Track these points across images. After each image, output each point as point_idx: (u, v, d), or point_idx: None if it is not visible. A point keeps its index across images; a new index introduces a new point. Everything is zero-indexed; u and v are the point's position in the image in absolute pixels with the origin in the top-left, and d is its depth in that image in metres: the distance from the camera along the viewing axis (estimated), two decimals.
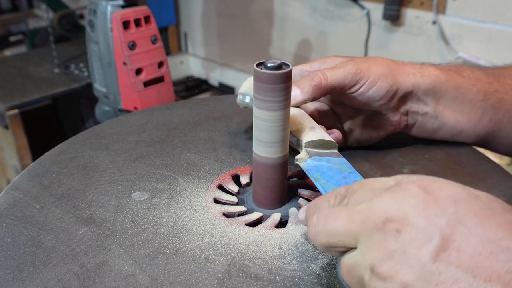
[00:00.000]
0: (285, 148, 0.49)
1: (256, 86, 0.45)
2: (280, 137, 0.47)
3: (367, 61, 0.55)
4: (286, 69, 0.45)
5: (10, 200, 0.52)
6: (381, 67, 0.55)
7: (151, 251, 0.44)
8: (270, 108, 0.46)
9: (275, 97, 0.45)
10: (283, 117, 0.46)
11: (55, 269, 0.42)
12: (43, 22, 2.42)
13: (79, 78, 1.45)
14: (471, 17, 1.30)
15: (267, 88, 0.45)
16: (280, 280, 0.41)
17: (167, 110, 0.74)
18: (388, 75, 0.54)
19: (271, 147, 0.48)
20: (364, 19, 1.53)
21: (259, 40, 1.95)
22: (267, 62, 0.45)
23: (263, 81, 0.44)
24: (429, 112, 0.57)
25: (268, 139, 0.47)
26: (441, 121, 0.58)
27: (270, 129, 0.47)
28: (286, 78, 0.45)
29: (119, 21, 1.01)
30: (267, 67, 0.44)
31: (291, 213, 0.50)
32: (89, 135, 0.66)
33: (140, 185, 0.54)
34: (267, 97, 0.45)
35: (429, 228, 0.30)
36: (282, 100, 0.45)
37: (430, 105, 0.57)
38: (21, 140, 1.34)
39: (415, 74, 0.56)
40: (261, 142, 0.48)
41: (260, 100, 0.46)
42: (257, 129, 0.48)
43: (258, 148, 0.49)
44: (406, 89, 0.55)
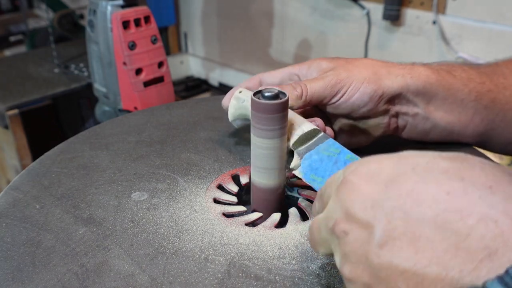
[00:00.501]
0: (282, 174, 0.50)
1: (253, 115, 0.46)
2: (277, 163, 0.48)
3: (350, 67, 0.54)
4: (283, 98, 0.46)
5: (10, 200, 0.52)
6: (365, 72, 0.54)
7: (150, 251, 0.44)
8: (267, 136, 0.46)
9: (273, 126, 0.46)
10: (280, 145, 0.47)
11: (55, 269, 0.42)
12: (43, 22, 2.42)
13: (79, 78, 1.45)
14: (471, 17, 1.30)
15: (265, 117, 0.45)
16: (280, 280, 0.41)
17: (167, 110, 0.74)
18: (372, 80, 0.53)
19: (269, 173, 0.49)
20: (364, 19, 1.53)
21: (259, 40, 1.95)
22: (264, 92, 0.45)
23: (261, 111, 0.45)
24: (419, 113, 0.57)
25: (266, 165, 0.48)
26: (432, 122, 0.57)
27: (267, 156, 0.48)
28: (283, 107, 0.46)
29: (119, 21, 1.01)
30: (264, 97, 0.45)
31: (291, 213, 0.50)
32: (89, 135, 0.66)
33: (140, 185, 0.54)
34: (264, 125, 0.46)
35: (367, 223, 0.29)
36: (279, 128, 0.46)
37: (420, 106, 0.56)
38: (21, 140, 1.34)
39: (404, 75, 0.55)
40: (259, 169, 0.49)
41: (258, 129, 0.47)
42: (255, 156, 0.49)
43: (256, 174, 0.50)
44: (393, 91, 0.54)
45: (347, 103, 0.54)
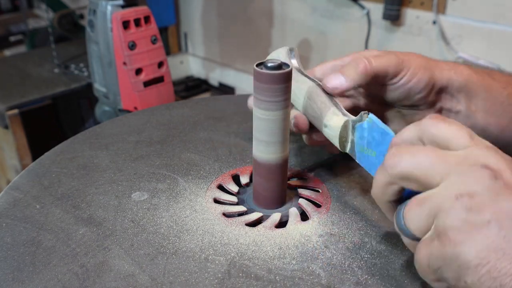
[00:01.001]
0: (285, 148, 0.49)
1: (256, 86, 0.45)
2: (280, 137, 0.47)
3: (406, 53, 0.54)
4: (286, 69, 0.45)
5: (10, 200, 0.52)
6: (420, 60, 0.54)
7: (151, 251, 0.44)
8: (270, 108, 0.46)
9: (275, 97, 0.45)
10: (283, 117, 0.46)
11: (55, 269, 0.42)
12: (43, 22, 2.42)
13: (79, 78, 1.45)
14: (471, 17, 1.30)
15: (267, 88, 0.45)
16: (280, 280, 0.41)
17: (167, 110, 0.74)
18: (427, 67, 0.53)
19: (271, 147, 0.48)
20: (364, 19, 1.52)
21: (259, 40, 1.95)
22: (267, 62, 0.45)
23: (263, 81, 0.45)
24: (461, 111, 0.56)
25: (268, 139, 0.47)
26: (473, 121, 0.57)
27: (270, 128, 0.47)
28: (286, 78, 0.45)
29: (119, 21, 1.01)
30: (267, 67, 0.44)
31: (291, 213, 0.50)
32: (89, 135, 0.66)
33: (140, 185, 0.54)
34: (267, 97, 0.45)
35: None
36: (282, 100, 0.45)
37: (463, 104, 0.56)
38: (21, 140, 1.34)
39: (449, 70, 0.55)
40: (261, 142, 0.48)
41: (260, 100, 0.46)
42: (257, 129, 0.48)
43: (258, 148, 0.49)
44: (442, 83, 0.54)
45: (405, 87, 0.53)
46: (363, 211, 0.50)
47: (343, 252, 0.44)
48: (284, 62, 0.45)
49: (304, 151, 0.62)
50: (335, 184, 0.55)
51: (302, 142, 0.64)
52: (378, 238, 0.46)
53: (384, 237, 0.46)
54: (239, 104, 0.76)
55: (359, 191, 0.54)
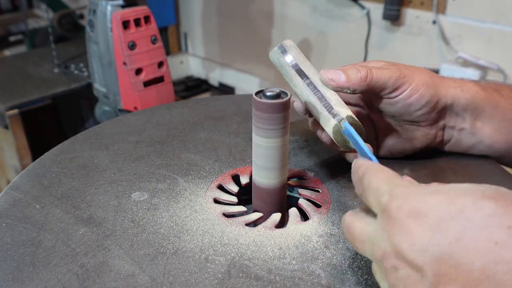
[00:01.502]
0: (283, 173, 0.50)
1: (255, 114, 0.46)
2: (279, 163, 0.48)
3: (411, 69, 0.54)
4: (285, 97, 0.46)
5: (10, 200, 0.52)
6: (424, 76, 0.53)
7: (151, 251, 0.44)
8: (269, 136, 0.46)
9: (274, 125, 0.46)
10: (281, 144, 0.47)
11: (55, 269, 0.42)
12: (43, 22, 2.42)
13: (79, 78, 1.45)
14: (471, 17, 1.30)
15: (266, 117, 0.45)
16: (280, 280, 0.41)
17: (167, 110, 0.74)
18: (431, 85, 0.53)
19: (270, 173, 0.49)
20: (364, 19, 1.52)
21: (259, 40, 1.95)
22: (266, 91, 0.45)
23: (262, 110, 0.45)
24: (466, 128, 0.56)
25: (267, 165, 0.48)
26: (478, 138, 0.56)
27: (269, 155, 0.48)
28: (284, 107, 0.46)
29: (119, 21, 1.01)
30: (266, 96, 0.45)
31: (291, 213, 0.50)
32: (89, 135, 0.66)
33: (140, 185, 0.54)
34: (265, 125, 0.46)
35: (419, 265, 0.30)
36: (281, 128, 0.46)
37: (467, 121, 0.55)
38: (21, 140, 1.34)
39: (456, 87, 0.54)
40: (260, 168, 0.49)
41: (259, 128, 0.47)
42: (256, 155, 0.49)
43: (257, 173, 0.50)
44: (446, 101, 0.54)
45: (405, 102, 0.52)
46: None
47: (343, 252, 0.44)
48: (283, 90, 0.46)
49: (304, 151, 0.62)
50: (335, 184, 0.55)
51: (302, 142, 0.64)
52: None
53: None
54: (239, 104, 0.76)
55: None
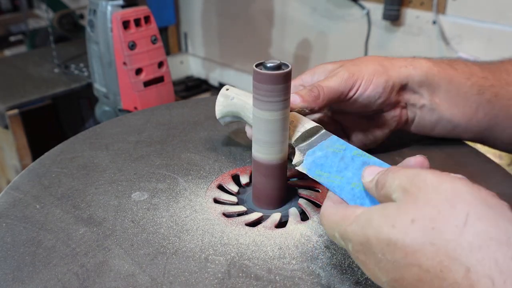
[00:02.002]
0: (284, 148, 0.49)
1: (255, 86, 0.45)
2: (279, 137, 0.47)
3: (357, 63, 0.55)
4: (286, 69, 0.45)
5: (10, 200, 0.52)
6: (372, 66, 0.55)
7: (151, 251, 0.44)
8: (269, 108, 0.46)
9: (275, 97, 0.45)
10: (282, 117, 0.46)
11: (55, 269, 0.42)
12: (43, 22, 2.42)
13: (79, 78, 1.45)
14: (471, 17, 1.30)
15: (267, 88, 0.45)
16: (280, 280, 0.41)
17: (167, 110, 0.74)
18: (380, 72, 0.54)
19: (271, 147, 0.48)
20: (364, 19, 1.53)
21: (259, 40, 1.95)
22: (267, 63, 0.45)
23: (263, 82, 0.45)
24: (426, 105, 0.58)
25: (267, 139, 0.47)
26: (438, 114, 0.58)
27: (269, 129, 0.47)
28: (285, 78, 0.45)
29: (119, 21, 1.01)
30: (266, 68, 0.45)
31: (291, 213, 0.50)
32: (89, 135, 0.66)
33: (140, 185, 0.54)
34: (266, 97, 0.45)
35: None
36: (282, 100, 0.45)
37: (426, 97, 0.57)
38: (21, 140, 1.34)
39: (407, 66, 0.56)
40: (260, 142, 0.48)
41: (259, 101, 0.46)
42: (257, 129, 0.48)
43: (257, 148, 0.49)
44: (400, 81, 0.55)
45: (363, 96, 0.54)
46: None
47: (343, 252, 0.44)
48: (284, 62, 0.46)
49: None
50: None
51: None
52: None
53: None
54: None
55: None
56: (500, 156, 1.05)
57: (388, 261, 0.32)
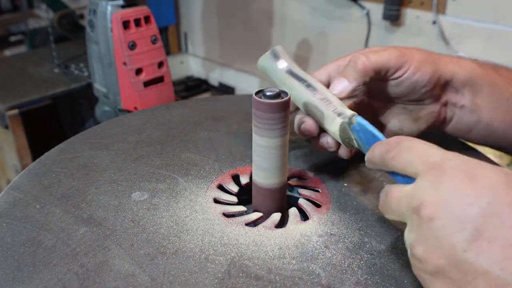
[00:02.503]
0: (283, 173, 0.50)
1: (254, 114, 0.46)
2: (279, 163, 0.48)
3: (408, 48, 0.54)
4: (285, 97, 0.46)
5: (10, 200, 0.52)
6: (423, 54, 0.53)
7: (151, 251, 0.44)
8: (269, 136, 0.46)
9: (274, 125, 0.46)
10: (282, 144, 0.47)
11: (55, 269, 0.42)
12: (43, 22, 2.42)
13: (79, 78, 1.45)
14: (471, 17, 1.30)
15: (266, 116, 0.45)
16: (280, 280, 0.41)
17: (167, 110, 0.74)
18: (431, 61, 0.53)
19: (270, 173, 0.49)
20: (364, 19, 1.52)
21: (259, 40, 1.95)
22: (266, 91, 0.45)
23: (262, 110, 0.45)
24: (466, 105, 0.56)
25: (267, 165, 0.48)
26: (478, 116, 0.56)
27: (269, 155, 0.48)
28: (284, 106, 0.45)
29: (119, 21, 1.00)
30: (265, 96, 0.45)
31: (291, 213, 0.50)
32: (89, 135, 0.66)
33: (140, 185, 0.54)
34: (266, 125, 0.46)
35: (462, 217, 0.32)
36: (281, 128, 0.46)
37: (467, 98, 0.56)
38: (21, 140, 1.34)
39: (454, 63, 0.55)
40: (260, 168, 0.49)
41: (259, 128, 0.47)
42: (257, 155, 0.49)
43: (257, 173, 0.50)
44: (446, 76, 0.54)
45: (410, 80, 0.52)
46: (363, 211, 0.50)
47: (343, 252, 0.44)
48: (283, 90, 0.46)
49: (304, 151, 0.62)
50: (335, 184, 0.55)
51: (302, 142, 0.64)
52: (378, 238, 0.46)
53: (384, 237, 0.46)
54: (239, 104, 0.76)
55: (359, 191, 0.54)
56: (500, 156, 1.05)
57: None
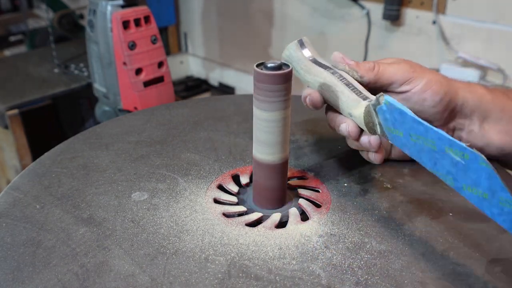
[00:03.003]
0: (285, 149, 0.49)
1: (256, 86, 0.46)
2: (280, 138, 0.47)
3: (421, 66, 0.54)
4: (286, 69, 0.45)
5: (10, 200, 0.52)
6: (436, 74, 0.53)
7: (151, 251, 0.44)
8: (270, 109, 0.46)
9: (276, 97, 0.45)
10: (283, 117, 0.46)
11: (55, 269, 0.42)
12: (43, 22, 2.42)
13: (79, 78, 1.45)
14: (471, 17, 1.30)
15: (268, 88, 0.45)
16: (280, 280, 0.41)
17: (167, 110, 0.74)
18: (443, 82, 0.53)
19: (271, 148, 0.48)
20: (364, 19, 1.53)
21: (259, 40, 1.95)
22: (267, 63, 0.45)
23: (263, 82, 0.45)
24: (474, 131, 0.56)
25: (268, 139, 0.47)
26: (487, 141, 0.56)
27: (270, 129, 0.47)
28: (286, 78, 0.45)
29: (119, 21, 1.01)
30: (267, 68, 0.45)
31: (291, 213, 0.50)
32: (89, 135, 0.66)
33: (140, 185, 0.54)
34: (267, 97, 0.45)
35: None
36: (283, 101, 0.45)
37: (476, 123, 0.55)
38: (21, 140, 1.34)
39: (464, 88, 0.55)
40: (261, 142, 0.48)
41: (260, 101, 0.46)
42: (258, 130, 0.48)
43: (258, 148, 0.49)
44: (457, 101, 0.54)
45: (419, 96, 0.52)
46: (363, 211, 0.50)
47: (343, 252, 0.44)
48: (284, 62, 0.46)
49: (304, 151, 0.62)
50: (335, 184, 0.55)
51: (302, 142, 0.64)
52: (378, 238, 0.46)
53: (384, 237, 0.46)
54: (239, 104, 0.76)
55: (359, 191, 0.54)
56: None
57: None
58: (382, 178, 0.56)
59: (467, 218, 0.49)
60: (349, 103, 0.49)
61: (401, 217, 0.49)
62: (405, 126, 0.43)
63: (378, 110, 0.45)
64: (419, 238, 0.46)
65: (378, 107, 0.45)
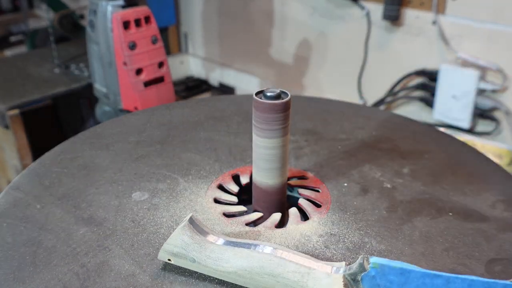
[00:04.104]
0: (284, 173, 0.50)
1: (255, 114, 0.46)
2: (279, 163, 0.48)
3: None
4: (285, 98, 0.46)
5: (11, 200, 0.52)
6: None
7: (151, 251, 0.44)
8: (269, 136, 0.46)
9: (274, 125, 0.46)
10: (282, 144, 0.47)
11: (56, 269, 0.42)
12: (43, 22, 2.42)
13: (79, 78, 1.45)
14: (471, 17, 1.30)
15: (267, 117, 0.45)
16: None
17: (167, 110, 0.74)
18: None
19: (271, 173, 0.49)
20: (364, 19, 1.52)
21: (259, 40, 1.95)
22: (266, 91, 0.45)
23: (262, 110, 0.45)
24: None
25: (267, 165, 0.48)
26: None
27: (269, 156, 0.48)
28: (285, 107, 0.46)
29: (119, 21, 1.01)
30: (266, 97, 0.45)
31: (291, 213, 0.50)
32: (89, 135, 0.66)
33: (140, 185, 0.54)
34: (266, 125, 0.46)
35: None
36: (281, 128, 0.46)
37: None
38: (22, 140, 1.34)
39: None
40: (260, 168, 0.49)
41: (259, 128, 0.47)
42: (257, 156, 0.49)
43: (258, 173, 0.50)
44: None
45: None
46: (363, 211, 0.50)
47: (343, 252, 0.44)
48: (283, 90, 0.46)
49: (304, 151, 0.62)
50: (335, 184, 0.55)
51: (302, 142, 0.64)
52: (378, 238, 0.46)
53: (384, 237, 0.46)
54: (239, 104, 0.76)
55: (359, 191, 0.54)
56: (500, 156, 1.05)
57: None
58: (382, 178, 0.56)
59: (467, 218, 0.49)
60: (311, 280, 0.37)
61: (401, 217, 0.49)
62: (410, 287, 0.35)
63: (364, 278, 0.36)
64: (419, 238, 0.46)
65: (364, 274, 0.36)
